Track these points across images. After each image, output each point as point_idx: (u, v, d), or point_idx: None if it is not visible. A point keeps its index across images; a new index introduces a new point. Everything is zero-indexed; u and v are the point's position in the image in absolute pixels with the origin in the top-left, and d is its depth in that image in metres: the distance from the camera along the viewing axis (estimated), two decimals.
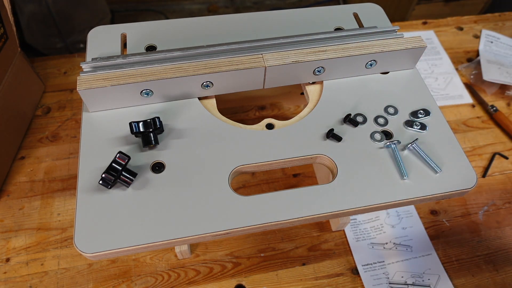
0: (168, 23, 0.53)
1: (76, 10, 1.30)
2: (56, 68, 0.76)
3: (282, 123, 0.47)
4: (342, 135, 0.45)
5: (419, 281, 0.56)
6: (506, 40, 0.88)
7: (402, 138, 0.46)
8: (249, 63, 0.46)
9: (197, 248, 0.57)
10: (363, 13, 0.57)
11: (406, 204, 0.43)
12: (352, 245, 0.59)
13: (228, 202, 0.40)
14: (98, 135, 0.44)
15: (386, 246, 0.60)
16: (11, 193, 0.61)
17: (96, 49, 0.50)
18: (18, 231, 0.57)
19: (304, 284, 0.55)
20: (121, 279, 0.54)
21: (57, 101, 0.72)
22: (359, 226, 0.61)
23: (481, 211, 0.64)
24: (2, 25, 0.59)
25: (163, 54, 0.46)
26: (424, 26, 0.91)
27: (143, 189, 0.41)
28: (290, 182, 0.65)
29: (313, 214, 0.40)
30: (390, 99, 0.49)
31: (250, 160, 0.43)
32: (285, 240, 0.59)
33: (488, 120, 0.75)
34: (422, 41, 0.49)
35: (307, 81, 0.51)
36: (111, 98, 0.44)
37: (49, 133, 0.67)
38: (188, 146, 0.44)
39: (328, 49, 0.48)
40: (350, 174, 0.43)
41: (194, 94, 0.47)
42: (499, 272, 0.58)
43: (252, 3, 1.86)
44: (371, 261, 0.58)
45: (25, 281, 0.53)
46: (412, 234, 0.61)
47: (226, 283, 0.55)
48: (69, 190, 0.61)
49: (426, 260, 0.58)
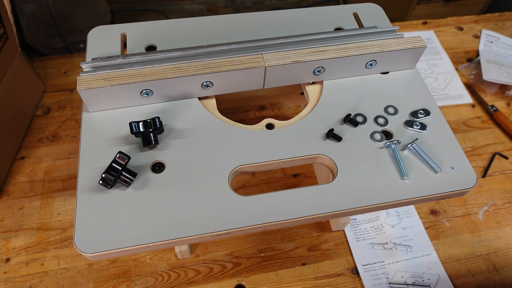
0: (168, 23, 0.53)
1: (76, 10, 1.30)
2: (56, 68, 0.76)
3: (282, 123, 0.47)
4: (342, 135, 0.45)
5: (419, 281, 0.56)
6: (506, 40, 0.88)
7: (402, 138, 0.46)
8: (249, 63, 0.46)
9: (197, 248, 0.57)
10: (363, 13, 0.57)
11: (406, 204, 0.43)
12: (352, 245, 0.59)
13: (228, 202, 0.40)
14: (98, 135, 0.44)
15: (386, 246, 0.60)
16: (11, 193, 0.61)
17: (96, 49, 0.50)
18: (18, 231, 0.57)
19: (304, 284, 0.55)
20: (121, 279, 0.54)
21: (57, 101, 0.72)
22: (359, 226, 0.61)
23: (481, 211, 0.64)
24: (2, 25, 0.59)
25: (163, 54, 0.46)
26: (424, 26, 0.91)
27: (143, 189, 0.41)
28: (290, 182, 0.65)
29: (313, 214, 0.40)
30: (390, 99, 0.49)
31: (250, 160, 0.43)
32: (285, 240, 0.59)
33: (488, 120, 0.75)
34: (422, 41, 0.49)
35: (307, 81, 0.51)
36: (111, 98, 0.44)
37: (49, 133, 0.67)
38: (188, 146, 0.44)
39: (328, 49, 0.48)
40: (350, 174, 0.43)
41: (194, 94, 0.47)
42: (499, 272, 0.58)
43: (252, 3, 1.86)
44: (371, 261, 0.58)
45: (25, 281, 0.53)
46: (412, 234, 0.61)
47: (226, 283, 0.55)
48: (69, 190, 0.61)
49: (426, 260, 0.58)
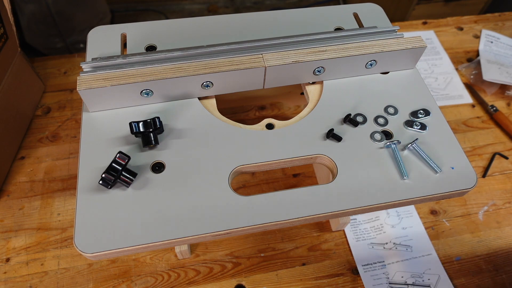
0: (168, 23, 0.53)
1: (76, 10, 1.30)
2: (56, 68, 0.76)
3: (282, 123, 0.47)
4: (342, 135, 0.45)
5: (419, 281, 0.56)
6: (506, 40, 0.88)
7: (402, 138, 0.46)
8: (249, 63, 0.46)
9: (197, 248, 0.57)
10: (363, 13, 0.57)
11: (406, 204, 0.43)
12: (352, 245, 0.59)
13: (228, 202, 0.40)
14: (98, 135, 0.44)
15: (386, 246, 0.60)
16: (11, 193, 0.61)
17: (96, 49, 0.50)
18: (18, 231, 0.57)
19: (304, 284, 0.55)
20: (121, 279, 0.54)
21: (57, 101, 0.72)
22: (359, 226, 0.61)
23: (481, 211, 0.64)
24: (2, 25, 0.59)
25: (163, 54, 0.46)
26: (424, 26, 0.91)
27: (143, 189, 0.41)
28: (290, 182, 0.65)
29: (313, 214, 0.40)
30: (390, 99, 0.49)
31: (250, 160, 0.43)
32: (285, 240, 0.59)
33: (488, 120, 0.75)
34: (422, 41, 0.49)
35: (307, 81, 0.51)
36: (111, 98, 0.44)
37: (49, 133, 0.67)
38: (188, 146, 0.44)
39: (328, 49, 0.48)
40: (350, 174, 0.43)
41: (194, 94, 0.47)
42: (499, 272, 0.58)
43: (252, 3, 1.86)
44: (371, 261, 0.58)
45: (25, 281, 0.53)
46: (412, 234, 0.61)
47: (226, 283, 0.55)
48: (69, 190, 0.61)
49: (426, 260, 0.58)
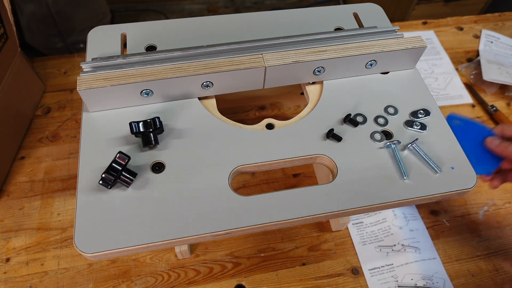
0: (168, 23, 0.53)
1: (76, 10, 1.30)
2: (56, 68, 0.76)
3: (282, 123, 0.47)
4: (342, 135, 0.45)
5: (430, 284, 0.55)
6: (506, 40, 0.88)
7: (402, 138, 0.46)
8: (249, 63, 0.46)
9: (197, 248, 0.57)
10: (363, 13, 0.57)
11: (406, 204, 0.43)
12: (358, 249, 0.58)
13: (228, 202, 0.40)
14: (98, 135, 0.44)
15: (394, 248, 0.58)
16: (11, 193, 0.61)
17: (96, 49, 0.50)
18: (18, 231, 0.57)
19: (304, 284, 0.55)
20: (121, 279, 0.54)
21: (57, 101, 0.72)
22: (365, 229, 0.60)
23: (481, 211, 0.64)
24: (2, 25, 0.59)
25: (163, 54, 0.46)
26: (424, 26, 0.91)
27: (143, 189, 0.41)
28: (290, 182, 0.65)
29: (313, 214, 0.40)
30: (390, 99, 0.49)
31: (250, 160, 0.43)
32: (285, 240, 0.59)
33: (488, 120, 0.75)
34: (422, 41, 0.49)
35: (307, 81, 0.51)
36: (111, 98, 0.44)
37: (49, 133, 0.67)
38: (188, 146, 0.44)
39: (328, 49, 0.48)
40: (350, 174, 0.43)
41: (194, 94, 0.47)
42: (499, 272, 0.58)
43: (252, 3, 1.86)
44: (379, 265, 0.56)
45: (25, 281, 0.53)
46: (418, 237, 0.60)
47: (226, 283, 0.55)
48: (69, 190, 0.61)
49: (432, 264, 0.57)
